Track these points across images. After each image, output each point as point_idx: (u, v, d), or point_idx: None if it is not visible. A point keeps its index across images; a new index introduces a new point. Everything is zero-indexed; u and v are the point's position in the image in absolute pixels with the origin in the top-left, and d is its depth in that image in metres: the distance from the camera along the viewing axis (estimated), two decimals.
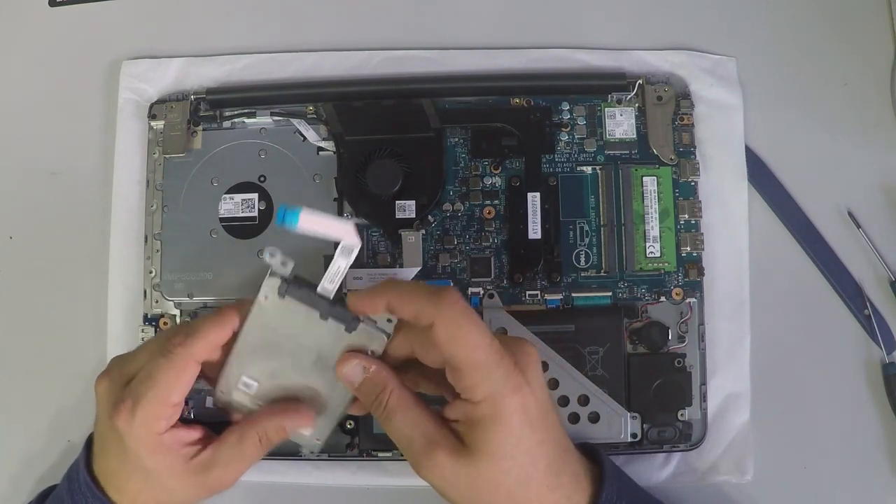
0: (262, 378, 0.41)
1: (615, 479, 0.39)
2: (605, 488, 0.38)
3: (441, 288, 0.37)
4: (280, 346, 0.40)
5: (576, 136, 0.49)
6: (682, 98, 0.49)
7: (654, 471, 0.47)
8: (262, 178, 0.50)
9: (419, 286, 0.38)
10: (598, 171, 0.49)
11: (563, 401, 0.45)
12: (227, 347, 0.41)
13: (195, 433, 0.41)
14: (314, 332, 0.40)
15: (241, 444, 0.41)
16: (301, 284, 0.39)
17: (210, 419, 0.43)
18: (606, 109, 0.49)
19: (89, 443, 0.42)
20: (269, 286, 0.39)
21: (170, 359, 0.39)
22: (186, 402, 0.42)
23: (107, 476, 0.41)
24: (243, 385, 0.41)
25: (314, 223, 0.39)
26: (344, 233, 0.39)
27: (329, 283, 0.40)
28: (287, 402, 0.41)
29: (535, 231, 0.48)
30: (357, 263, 0.48)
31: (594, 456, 0.40)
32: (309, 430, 0.41)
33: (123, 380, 0.40)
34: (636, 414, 0.46)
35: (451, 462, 0.36)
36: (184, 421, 0.41)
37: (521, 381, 0.36)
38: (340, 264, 0.39)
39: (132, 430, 0.39)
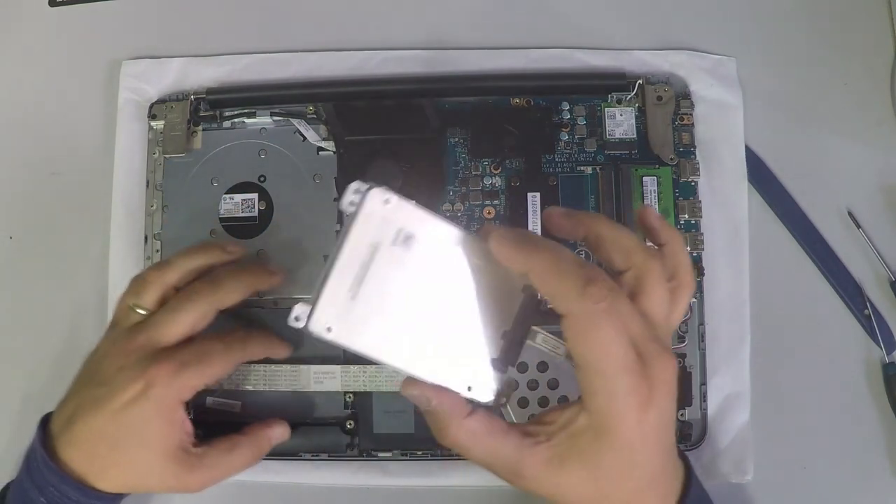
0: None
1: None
2: None
3: (590, 276, 0.32)
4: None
5: (576, 136, 0.49)
6: (682, 98, 0.49)
7: None
8: (262, 178, 0.50)
9: (572, 266, 0.32)
10: (598, 171, 0.49)
11: (563, 401, 0.45)
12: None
13: (191, 426, 0.42)
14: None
15: (230, 454, 0.42)
16: None
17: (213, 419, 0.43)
18: (606, 109, 0.49)
19: (45, 423, 0.42)
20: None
21: (227, 348, 0.42)
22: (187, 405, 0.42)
23: (81, 443, 0.40)
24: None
25: None
26: None
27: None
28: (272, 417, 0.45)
29: (535, 231, 0.48)
30: None
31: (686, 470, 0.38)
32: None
33: (158, 346, 0.41)
34: None
35: (537, 474, 0.34)
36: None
37: (646, 398, 0.32)
38: None
39: (167, 387, 0.40)
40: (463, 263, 0.34)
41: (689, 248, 0.47)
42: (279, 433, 0.45)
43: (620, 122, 0.49)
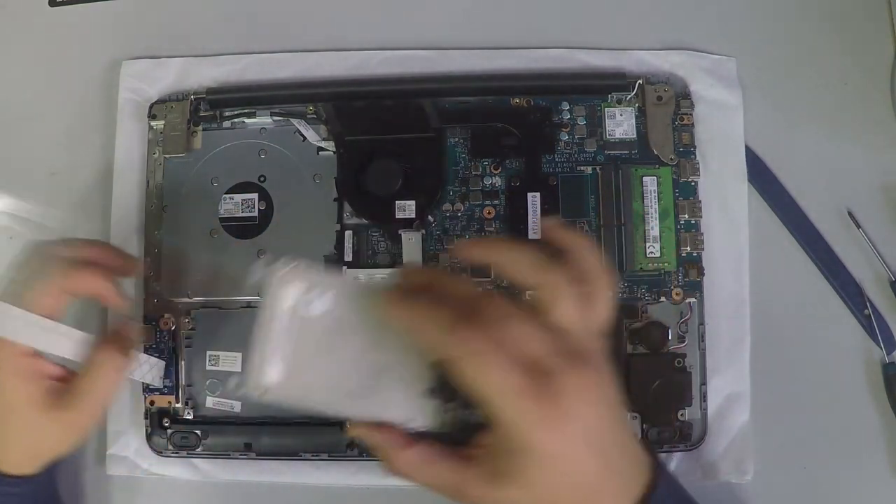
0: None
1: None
2: None
3: (455, 320, 0.33)
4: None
5: (576, 136, 0.49)
6: (682, 98, 0.49)
7: None
8: (262, 178, 0.50)
9: (439, 318, 0.34)
10: (598, 171, 0.49)
11: None
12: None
13: (56, 370, 0.42)
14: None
15: (94, 370, 0.41)
16: None
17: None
18: (606, 109, 0.49)
19: None
20: None
21: (44, 283, 0.40)
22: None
23: None
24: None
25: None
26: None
27: None
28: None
29: (535, 231, 0.48)
30: (356, 263, 0.48)
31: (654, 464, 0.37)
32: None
33: None
34: (636, 414, 0.46)
35: (482, 492, 0.35)
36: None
37: (551, 412, 0.33)
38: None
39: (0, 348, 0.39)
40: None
41: (689, 248, 0.48)
42: (128, 327, 0.43)
43: (620, 122, 0.49)
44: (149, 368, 0.46)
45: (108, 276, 0.42)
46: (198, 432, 0.48)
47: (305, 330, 0.35)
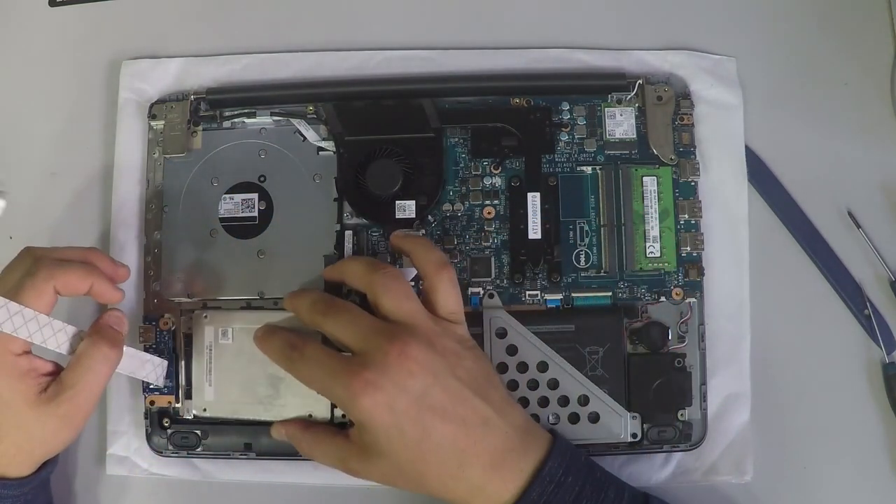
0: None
1: (551, 478, 0.38)
2: (532, 486, 0.38)
3: (286, 341, 0.42)
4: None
5: (576, 136, 0.49)
6: (682, 98, 0.49)
7: (654, 471, 0.47)
8: (262, 178, 0.50)
9: (275, 341, 0.43)
10: (598, 171, 0.49)
11: (563, 401, 0.45)
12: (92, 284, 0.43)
13: (48, 366, 0.42)
14: None
15: (83, 362, 0.41)
16: None
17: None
18: (606, 109, 0.49)
19: None
20: None
21: (34, 278, 0.40)
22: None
23: None
24: None
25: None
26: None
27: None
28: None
29: (535, 231, 0.48)
30: None
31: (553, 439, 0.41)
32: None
33: None
34: (636, 414, 0.46)
35: (360, 465, 0.40)
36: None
37: (360, 390, 0.38)
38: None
39: None
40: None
41: (689, 248, 0.47)
42: (115, 318, 0.43)
43: (620, 122, 0.49)
44: (153, 368, 0.46)
45: (96, 273, 0.43)
46: (198, 432, 0.48)
47: (222, 357, 0.47)
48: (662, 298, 0.47)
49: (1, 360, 0.40)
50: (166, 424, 0.48)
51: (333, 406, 0.46)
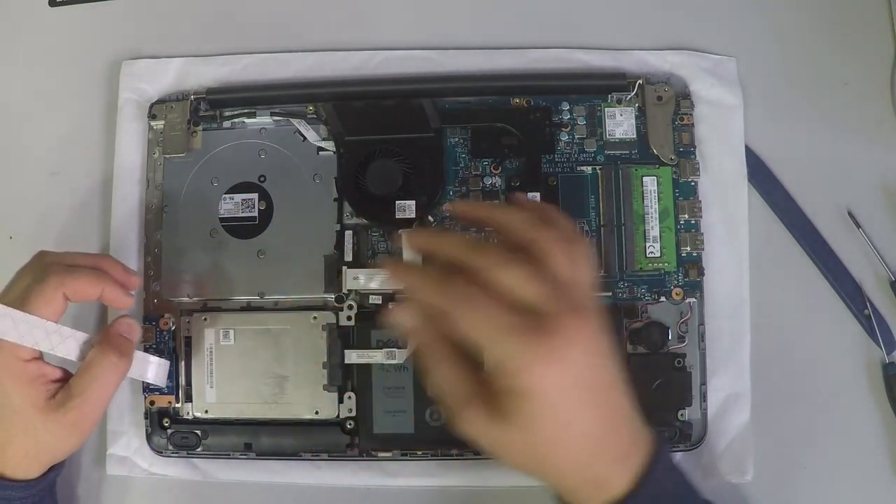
0: None
1: (658, 480, 0.37)
2: (645, 484, 0.36)
3: (446, 278, 0.36)
4: None
5: (576, 136, 0.49)
6: (682, 98, 0.49)
7: None
8: (262, 178, 0.50)
9: (429, 277, 0.37)
10: (598, 171, 0.49)
11: None
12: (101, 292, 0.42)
13: (57, 372, 0.42)
14: None
15: (92, 369, 0.41)
16: None
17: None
18: (606, 109, 0.49)
19: None
20: None
21: (43, 285, 0.40)
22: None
23: None
24: None
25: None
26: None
27: None
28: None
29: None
30: (356, 263, 0.48)
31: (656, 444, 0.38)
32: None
33: None
34: None
35: (481, 423, 0.36)
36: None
37: (540, 356, 0.34)
38: None
39: (0, 354, 0.40)
40: (275, 331, 0.48)
41: (689, 248, 0.48)
42: (126, 326, 0.43)
43: (620, 122, 0.49)
44: (155, 368, 0.46)
45: (106, 279, 0.43)
46: (198, 432, 0.48)
47: (221, 359, 0.47)
48: (662, 298, 0.47)
49: (10, 367, 0.40)
50: (166, 424, 0.48)
51: (339, 404, 0.46)
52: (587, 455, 0.36)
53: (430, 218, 0.48)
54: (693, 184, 0.48)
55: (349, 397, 0.47)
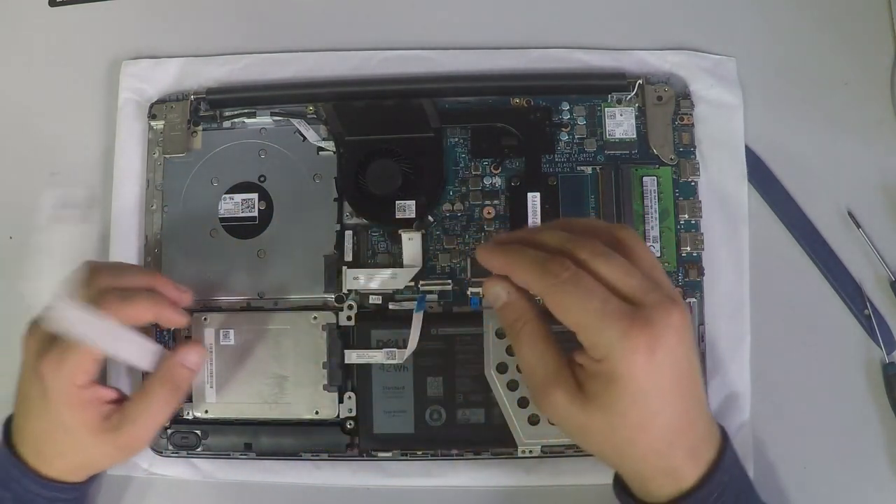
0: None
1: (725, 472, 0.38)
2: (714, 476, 0.37)
3: (545, 258, 0.37)
4: None
5: (576, 136, 0.49)
6: (682, 98, 0.49)
7: None
8: (262, 178, 0.50)
9: (531, 257, 0.38)
10: (598, 171, 0.49)
11: None
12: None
13: (111, 393, 0.43)
14: None
15: (148, 398, 0.42)
16: None
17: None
18: (606, 109, 0.49)
19: (8, 423, 0.44)
20: None
21: (106, 314, 0.40)
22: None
23: (28, 442, 0.42)
24: None
25: None
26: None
27: None
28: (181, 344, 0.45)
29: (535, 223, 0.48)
30: (356, 263, 0.48)
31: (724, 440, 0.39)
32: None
33: (50, 335, 0.41)
34: None
35: (565, 403, 0.37)
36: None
37: (641, 344, 0.35)
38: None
39: (57, 379, 0.40)
40: (275, 331, 0.48)
41: (689, 248, 0.48)
42: (192, 358, 0.43)
43: (620, 122, 0.49)
44: (148, 354, 0.44)
45: (162, 302, 0.43)
46: (198, 432, 0.48)
47: (221, 358, 0.48)
48: None
49: (67, 393, 0.41)
50: (166, 424, 0.48)
51: (339, 404, 0.47)
52: (666, 444, 0.37)
53: (430, 218, 0.48)
54: (693, 184, 0.48)
55: (349, 397, 0.47)
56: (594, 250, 0.37)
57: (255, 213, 0.49)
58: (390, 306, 0.48)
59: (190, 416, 0.48)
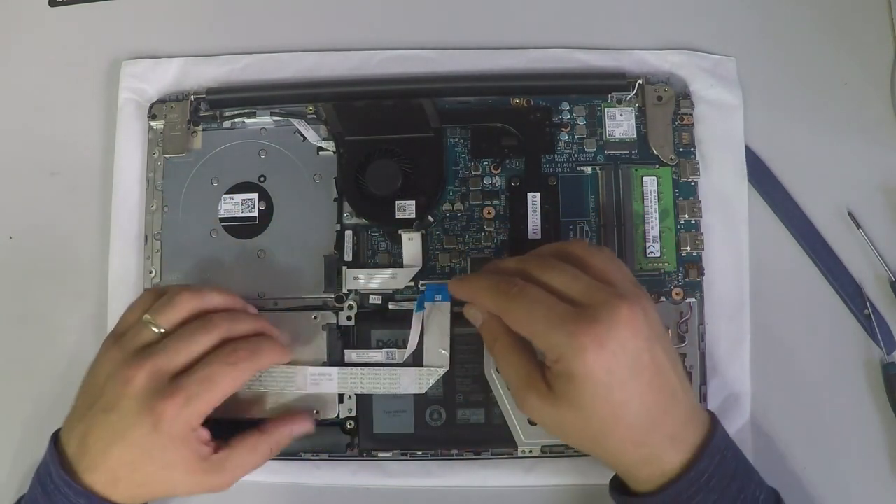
0: None
1: (714, 456, 0.39)
2: (700, 461, 0.38)
3: (501, 280, 0.40)
4: None
5: (576, 136, 0.49)
6: (682, 98, 0.49)
7: None
8: (262, 178, 0.50)
9: (486, 281, 0.42)
10: (598, 171, 0.49)
11: None
12: None
13: (206, 435, 0.42)
14: None
15: (253, 453, 0.43)
16: None
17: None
18: (606, 109, 0.49)
19: (55, 439, 0.42)
20: None
21: (235, 370, 0.42)
22: None
23: (103, 468, 0.40)
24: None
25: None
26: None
27: None
28: (291, 411, 0.46)
29: (535, 231, 0.48)
30: (356, 263, 0.48)
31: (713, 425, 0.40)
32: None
33: (166, 374, 0.41)
34: None
35: (539, 404, 0.39)
36: None
37: (587, 341, 0.37)
38: None
39: (176, 421, 0.40)
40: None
41: (689, 248, 0.48)
42: (300, 430, 0.45)
43: (620, 122, 0.49)
44: None
45: (278, 351, 0.45)
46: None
47: None
48: (662, 298, 0.47)
49: (181, 433, 0.41)
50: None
51: (339, 403, 0.46)
52: (641, 433, 0.38)
53: (430, 218, 0.48)
54: (693, 184, 0.48)
55: (349, 397, 0.47)
56: (542, 264, 0.40)
57: (255, 213, 0.49)
58: (390, 306, 0.48)
59: None
